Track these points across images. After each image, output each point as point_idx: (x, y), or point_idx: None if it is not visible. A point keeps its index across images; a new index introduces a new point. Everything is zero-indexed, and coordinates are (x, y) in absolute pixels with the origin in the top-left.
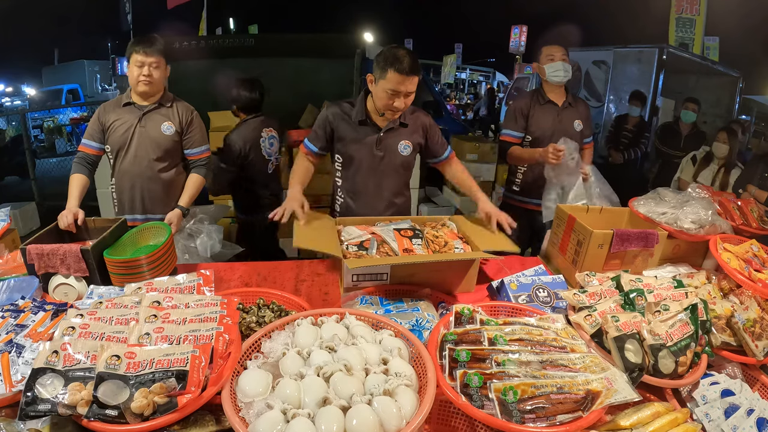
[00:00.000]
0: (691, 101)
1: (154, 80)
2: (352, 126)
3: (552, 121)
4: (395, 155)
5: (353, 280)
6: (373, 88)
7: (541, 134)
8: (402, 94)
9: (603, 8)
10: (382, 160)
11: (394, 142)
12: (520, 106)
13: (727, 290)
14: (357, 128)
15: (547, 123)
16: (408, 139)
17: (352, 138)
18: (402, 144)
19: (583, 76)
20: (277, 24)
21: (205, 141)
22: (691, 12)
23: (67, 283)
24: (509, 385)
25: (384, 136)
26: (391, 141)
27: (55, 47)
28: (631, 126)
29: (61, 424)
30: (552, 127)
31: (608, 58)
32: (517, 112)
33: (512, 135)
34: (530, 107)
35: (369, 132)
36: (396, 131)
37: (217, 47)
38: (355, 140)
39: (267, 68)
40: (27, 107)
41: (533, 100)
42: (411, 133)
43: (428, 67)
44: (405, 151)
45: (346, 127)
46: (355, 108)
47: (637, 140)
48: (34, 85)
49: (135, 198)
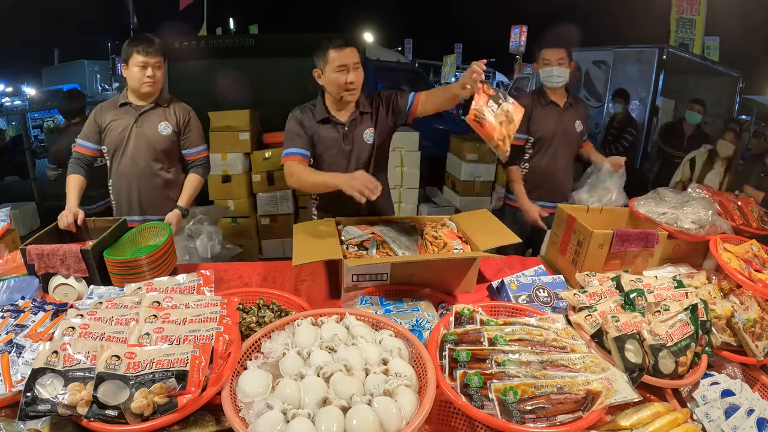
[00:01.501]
0: (696, 102)
1: (158, 80)
2: (317, 125)
3: (554, 122)
4: (363, 145)
5: (353, 280)
6: (324, 80)
7: (543, 135)
8: (350, 67)
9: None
10: (351, 152)
11: (359, 133)
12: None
13: (727, 290)
14: (321, 127)
15: (549, 124)
16: (371, 126)
17: (319, 138)
18: (366, 132)
19: (583, 76)
20: (277, 24)
21: (202, 141)
22: (691, 12)
23: (67, 284)
24: (509, 386)
25: (349, 129)
26: (356, 133)
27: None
28: (616, 123)
29: (61, 424)
30: (554, 128)
31: (608, 58)
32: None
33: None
34: (532, 108)
35: (333, 129)
36: (359, 121)
37: (217, 47)
38: (322, 139)
39: (267, 68)
40: (27, 107)
41: (535, 101)
42: (372, 119)
43: (428, 67)
44: (370, 138)
45: (314, 126)
46: (316, 108)
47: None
48: (34, 85)
49: (132, 199)
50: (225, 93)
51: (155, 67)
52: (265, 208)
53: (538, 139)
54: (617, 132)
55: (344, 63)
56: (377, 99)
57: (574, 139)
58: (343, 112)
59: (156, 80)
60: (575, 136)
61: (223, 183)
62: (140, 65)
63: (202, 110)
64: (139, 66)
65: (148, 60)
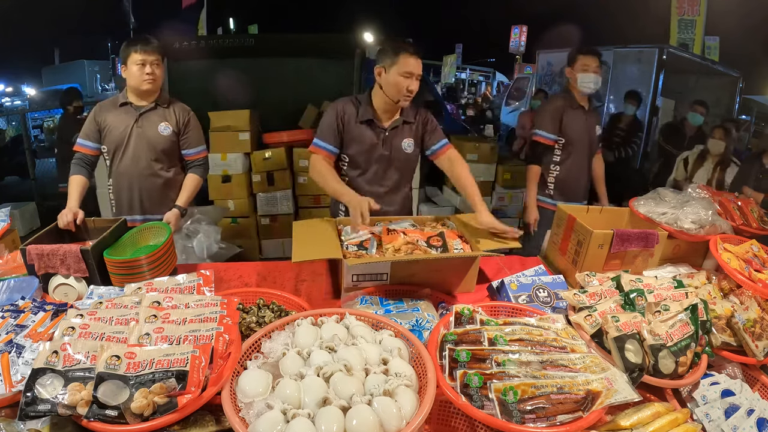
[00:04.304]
0: (699, 104)
1: (157, 77)
2: (357, 125)
3: (582, 125)
4: (400, 153)
5: (353, 280)
6: (384, 78)
7: (572, 137)
8: (415, 77)
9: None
10: (388, 159)
11: (398, 140)
12: (556, 108)
13: (727, 290)
14: (362, 128)
15: (578, 127)
16: (411, 136)
17: (358, 138)
18: (405, 141)
19: None
20: (277, 24)
21: (202, 141)
22: (692, 13)
23: (67, 284)
24: (509, 386)
25: (389, 135)
26: (395, 140)
27: (55, 47)
28: (624, 125)
29: (60, 424)
30: (581, 131)
31: (608, 58)
32: (554, 114)
33: (547, 137)
34: (563, 110)
35: (374, 131)
36: (400, 129)
37: (217, 47)
38: (361, 140)
39: (267, 68)
40: (27, 107)
41: (566, 104)
42: (413, 130)
43: (428, 67)
44: (409, 148)
45: (353, 126)
46: (361, 106)
47: (629, 139)
48: (34, 85)
49: (133, 199)
50: (225, 93)
51: (153, 64)
52: (265, 208)
53: (569, 140)
54: (626, 135)
55: (412, 71)
56: (421, 114)
57: (595, 143)
58: (387, 116)
59: (156, 77)
60: (595, 141)
61: (223, 183)
62: (139, 63)
63: (202, 110)
64: (138, 64)
65: (147, 57)
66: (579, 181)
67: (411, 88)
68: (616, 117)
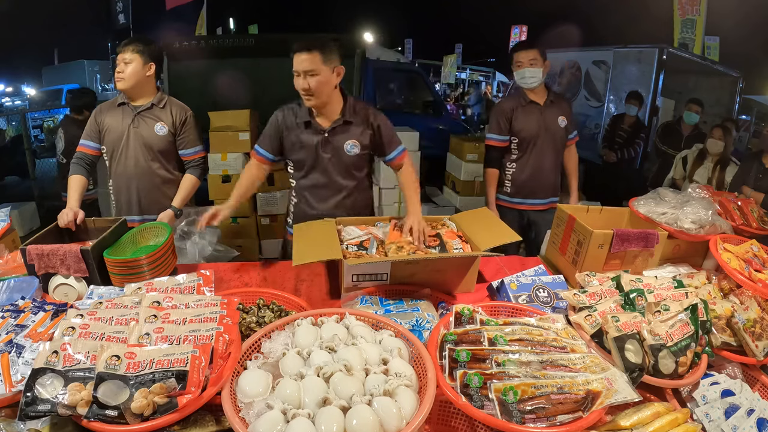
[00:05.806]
0: (694, 102)
1: (127, 75)
2: (299, 129)
3: (536, 120)
4: (342, 155)
5: (353, 280)
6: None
7: (527, 134)
8: (300, 74)
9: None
10: (330, 161)
11: (339, 142)
12: (502, 110)
13: (727, 290)
14: (303, 131)
15: (531, 123)
16: (355, 138)
17: (299, 141)
18: (348, 144)
19: (583, 76)
20: (277, 24)
21: (199, 142)
22: (692, 13)
23: (67, 284)
24: (509, 386)
25: (329, 137)
26: (336, 141)
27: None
28: (627, 126)
29: (61, 424)
30: (537, 126)
31: (608, 58)
32: (500, 117)
33: (497, 139)
34: (513, 110)
35: (314, 134)
36: (341, 130)
37: (217, 47)
38: (302, 143)
39: (267, 68)
40: (27, 107)
41: (516, 102)
42: (357, 131)
43: (428, 67)
44: (352, 150)
45: (294, 130)
46: (300, 109)
47: (632, 140)
48: (34, 85)
49: (132, 199)
50: (225, 93)
51: (125, 62)
52: (264, 208)
53: (523, 138)
54: (630, 136)
55: (295, 68)
56: (374, 118)
57: (558, 135)
58: (323, 117)
59: (125, 76)
60: (560, 132)
61: (223, 183)
62: (118, 63)
63: (201, 110)
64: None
65: (122, 56)
66: (539, 177)
67: (302, 87)
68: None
